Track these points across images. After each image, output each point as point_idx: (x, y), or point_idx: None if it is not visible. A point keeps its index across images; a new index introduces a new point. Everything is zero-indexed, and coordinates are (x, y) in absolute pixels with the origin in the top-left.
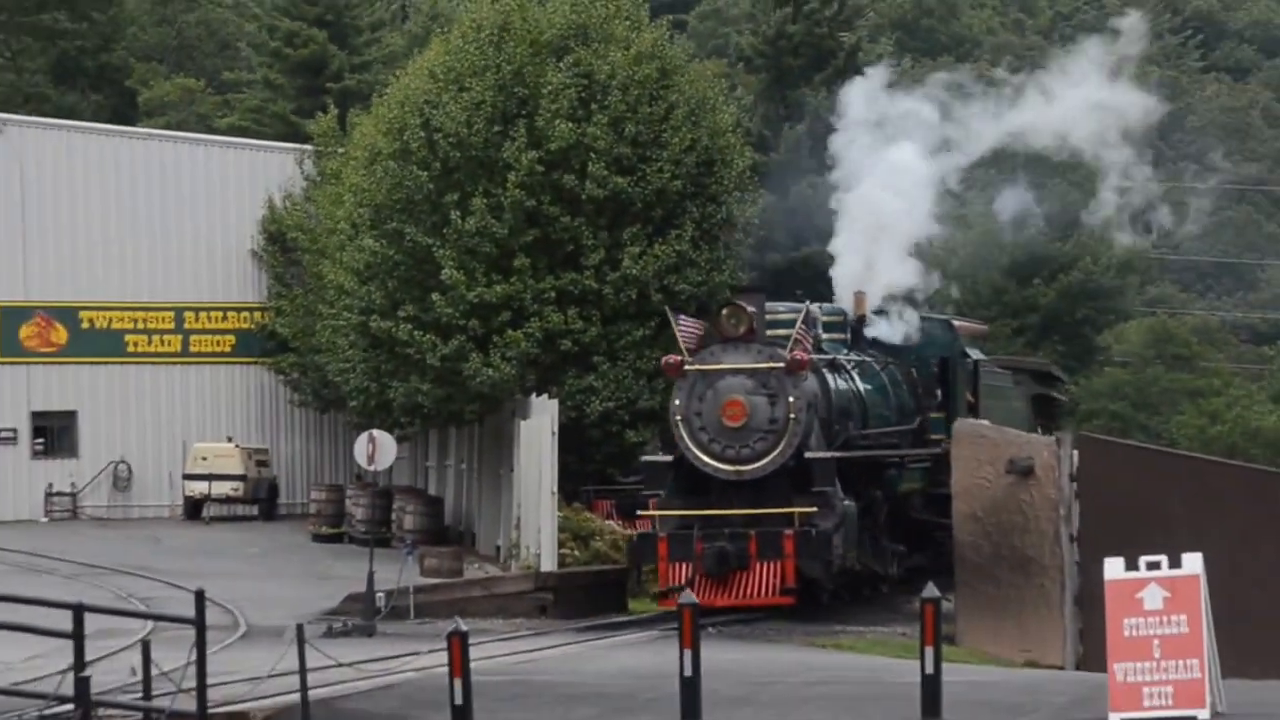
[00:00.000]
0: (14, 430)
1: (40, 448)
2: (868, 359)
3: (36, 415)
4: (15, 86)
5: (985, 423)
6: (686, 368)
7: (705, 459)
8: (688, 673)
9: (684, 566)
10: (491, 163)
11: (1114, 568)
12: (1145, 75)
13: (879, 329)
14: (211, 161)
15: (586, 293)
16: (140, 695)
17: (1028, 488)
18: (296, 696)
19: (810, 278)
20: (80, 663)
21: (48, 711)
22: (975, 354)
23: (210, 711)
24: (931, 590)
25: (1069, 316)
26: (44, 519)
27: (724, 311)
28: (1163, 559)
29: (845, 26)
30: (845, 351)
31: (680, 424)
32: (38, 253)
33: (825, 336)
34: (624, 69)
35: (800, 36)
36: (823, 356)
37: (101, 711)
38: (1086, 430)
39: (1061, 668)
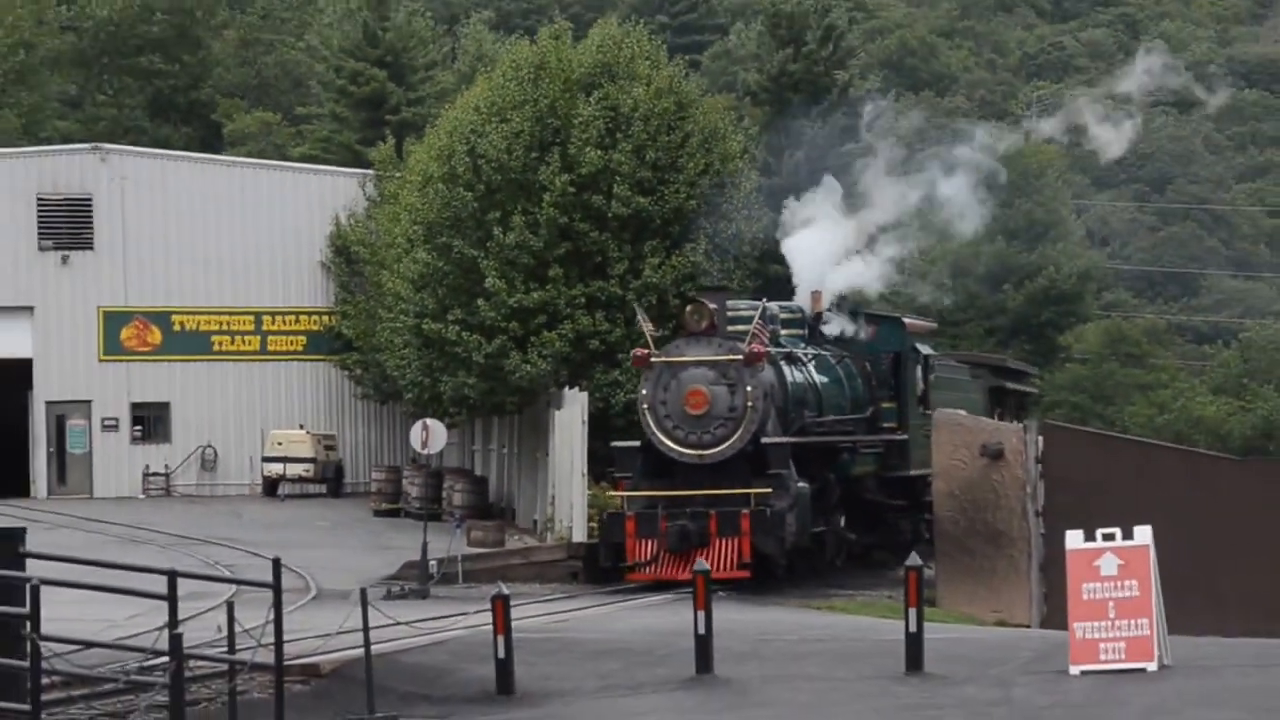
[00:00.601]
0: (116, 419)
1: (138, 434)
2: (824, 353)
3: (135, 406)
4: (116, 120)
5: (962, 412)
6: (653, 359)
7: (670, 444)
8: (701, 630)
9: (649, 543)
10: (529, 185)
11: (1074, 539)
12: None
13: (834, 326)
14: (286, 185)
15: (612, 299)
16: (225, 649)
17: (999, 469)
18: (360, 651)
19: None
20: (174, 621)
21: (146, 664)
22: (925, 349)
23: (286, 663)
24: (914, 559)
25: (1035, 319)
26: (142, 496)
27: (688, 308)
28: (1117, 531)
29: (839, 65)
30: (803, 346)
31: (647, 412)
32: (136, 265)
33: (784, 332)
34: (645, 103)
35: (800, 74)
36: (780, 350)
37: (192, 663)
38: (1050, 419)
39: (1028, 626)
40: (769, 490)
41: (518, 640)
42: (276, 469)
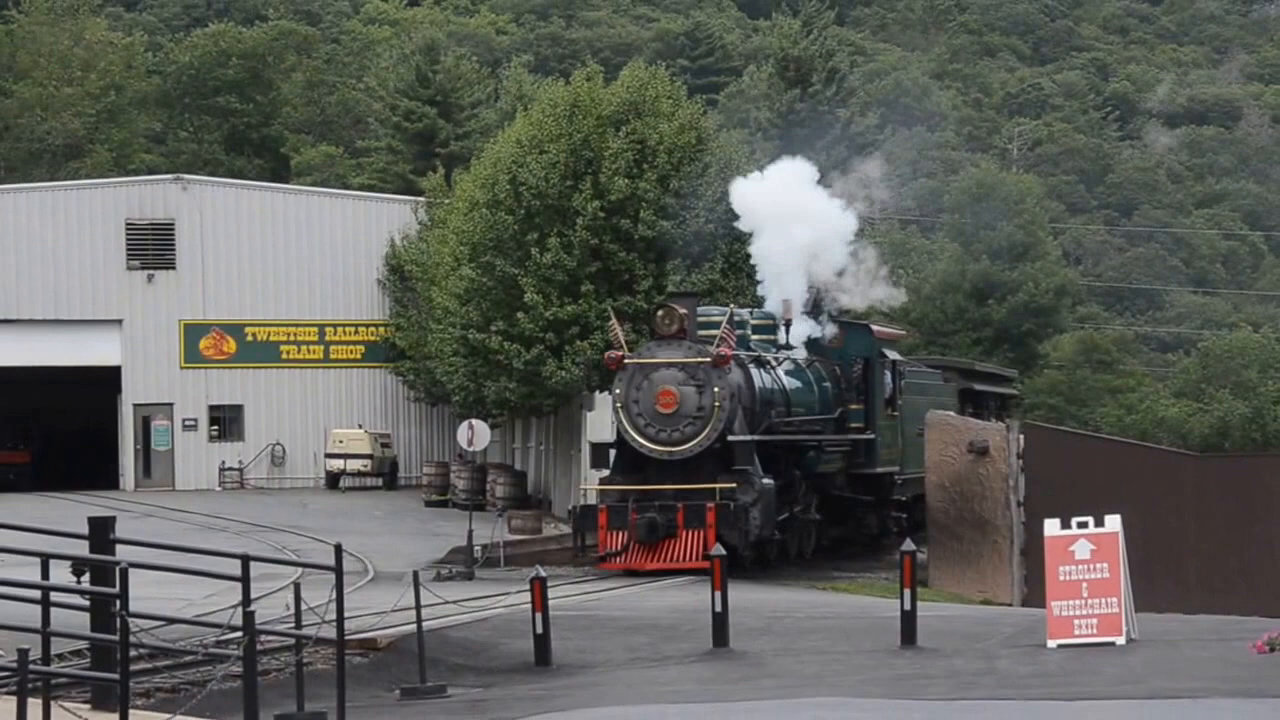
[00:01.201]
0: (195, 420)
1: (215, 433)
2: (794, 357)
3: (212, 408)
4: (196, 154)
5: (951, 413)
6: (626, 361)
7: (642, 441)
8: (718, 609)
9: (620, 534)
10: (564, 210)
11: (1052, 526)
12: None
13: (804, 332)
14: (346, 211)
15: (639, 312)
16: (293, 625)
17: (984, 464)
18: (413, 627)
19: (814, 299)
20: (247, 600)
21: (222, 638)
22: (893, 354)
23: (346, 638)
24: (909, 544)
25: (1016, 329)
26: (218, 489)
27: (659, 313)
28: (1089, 520)
29: (841, 104)
30: (773, 350)
31: (620, 410)
32: (213, 282)
33: (756, 337)
34: (669, 137)
35: (806, 112)
36: (750, 354)
37: (263, 638)
38: (1030, 419)
39: (1011, 605)
40: (734, 485)
41: (554, 617)
42: (338, 464)
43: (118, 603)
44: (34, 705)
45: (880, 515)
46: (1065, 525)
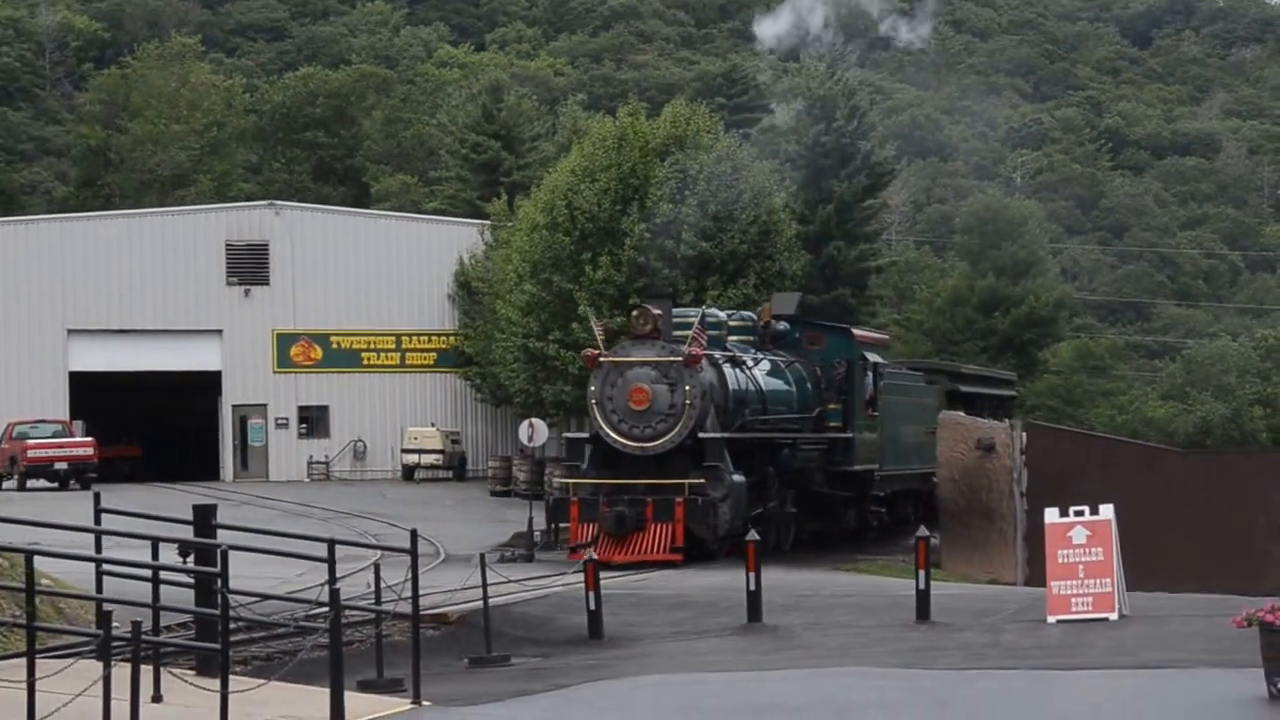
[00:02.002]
0: (287, 419)
1: (304, 430)
2: (772, 358)
3: (301, 408)
4: (287, 182)
5: (960, 414)
6: (601, 359)
7: (615, 437)
8: (752, 588)
9: (591, 527)
10: (614, 231)
11: (1051, 515)
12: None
13: (782, 334)
14: (420, 233)
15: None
16: (373, 601)
17: (991, 459)
18: (480, 603)
19: (837, 312)
20: (332, 578)
21: (311, 612)
22: (874, 358)
23: (421, 613)
24: (923, 530)
25: (1019, 338)
26: (306, 480)
27: (634, 313)
28: (1085, 509)
29: (862, 137)
30: (752, 351)
31: (595, 407)
32: (303, 297)
33: (734, 338)
34: (707, 166)
35: (830, 144)
36: (726, 354)
37: (347, 612)
38: (1031, 419)
39: (1015, 585)
40: (703, 481)
41: (605, 595)
42: (413, 458)
43: (219, 581)
44: (146, 671)
45: (860, 511)
46: (1064, 514)
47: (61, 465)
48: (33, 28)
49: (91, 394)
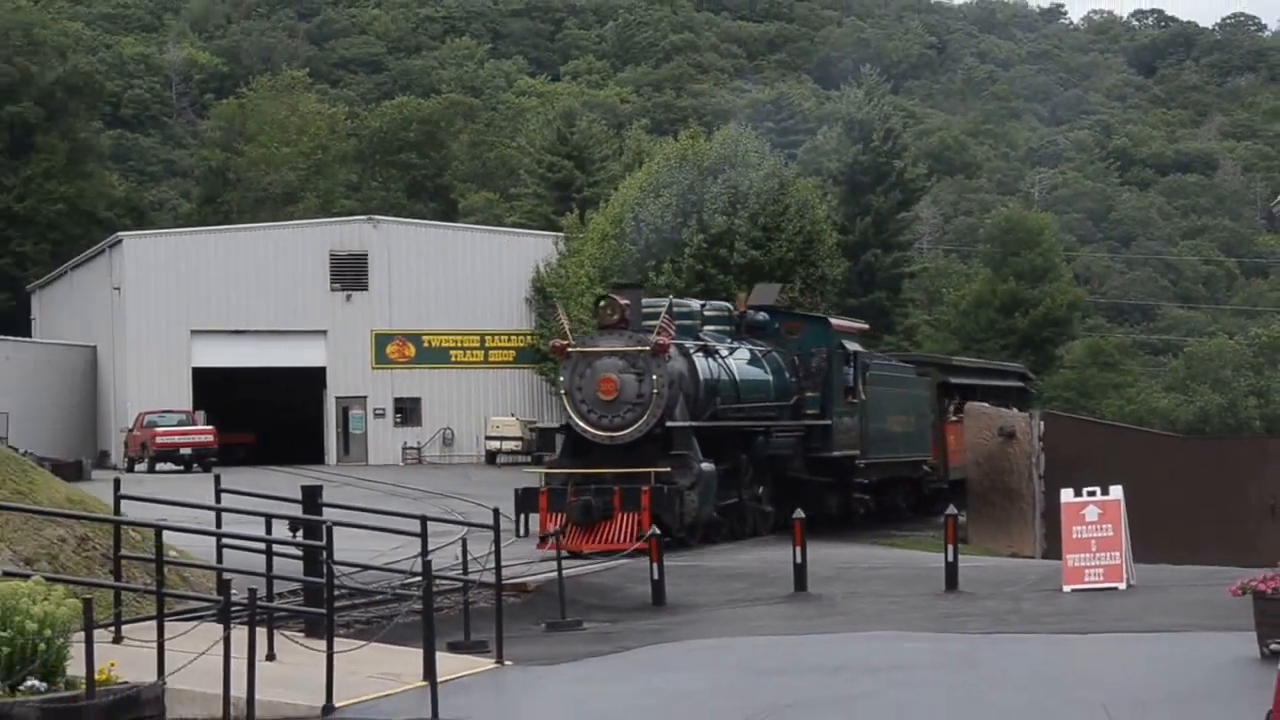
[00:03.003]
0: (384, 409)
1: (399, 420)
2: (750, 346)
3: (397, 400)
4: (384, 199)
5: (985, 404)
6: (570, 350)
7: (585, 426)
8: (798, 561)
9: (560, 516)
10: (675, 241)
11: (1066, 495)
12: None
13: (761, 324)
14: (501, 244)
15: None
16: (460, 572)
17: (1012, 445)
18: (555, 574)
19: (874, 315)
20: (425, 551)
21: (405, 582)
22: (854, 346)
23: (503, 582)
24: (951, 509)
25: (1037, 337)
26: (401, 464)
27: (601, 304)
28: (1097, 489)
29: (896, 156)
30: (728, 341)
31: (565, 397)
32: (399, 300)
33: (710, 328)
34: (757, 183)
35: (868, 163)
36: (698, 343)
37: (437, 582)
38: (1048, 409)
39: (1033, 558)
40: (669, 469)
41: (667, 568)
42: (495, 444)
43: (324, 553)
44: (261, 633)
45: (843, 497)
46: (1077, 494)
47: (186, 450)
48: (161, 63)
49: (212, 388)
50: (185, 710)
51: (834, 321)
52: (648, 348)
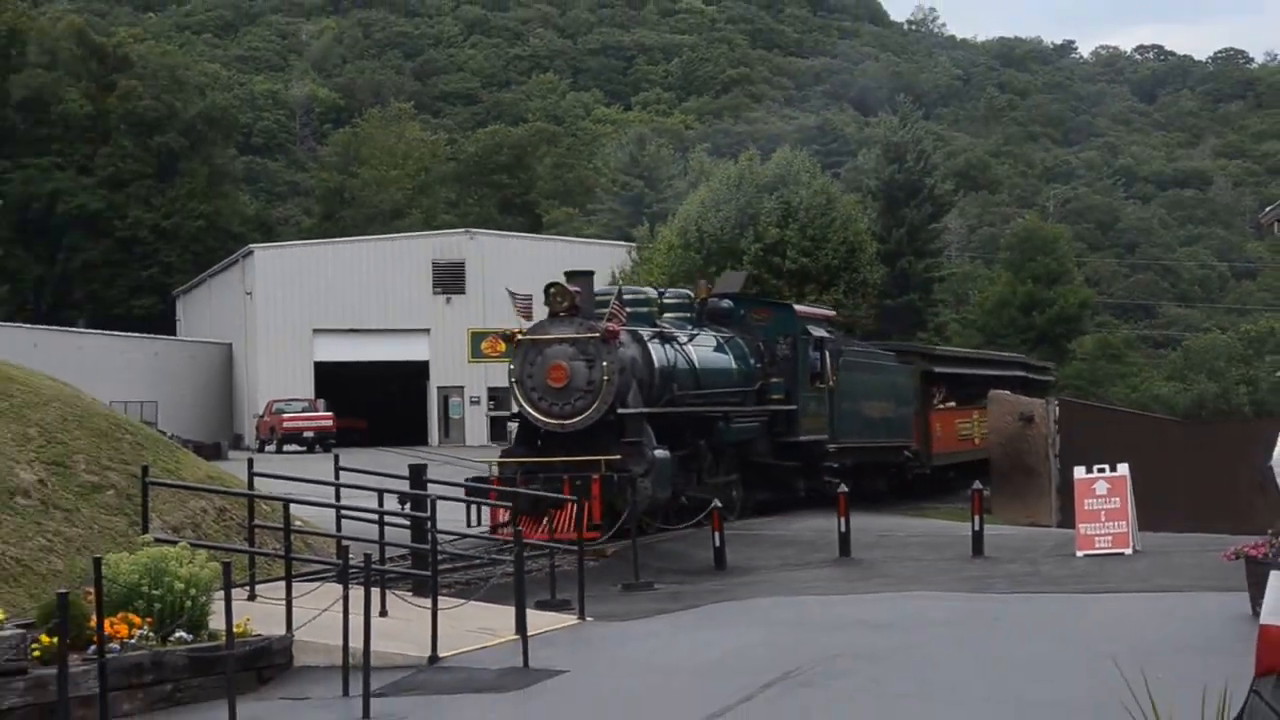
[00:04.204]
0: (479, 397)
1: (492, 406)
2: (710, 333)
3: (490, 389)
4: (479, 214)
5: (1007, 391)
6: (519, 338)
7: (536, 415)
8: (843, 530)
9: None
10: (734, 250)
11: (1079, 472)
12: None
13: (726, 311)
14: (581, 253)
15: None
16: (547, 539)
17: (1031, 428)
18: (630, 541)
19: (909, 314)
20: (515, 521)
21: (500, 547)
22: (820, 332)
23: (584, 548)
24: (977, 484)
25: (1051, 333)
26: (493, 445)
27: (551, 290)
28: (1106, 466)
29: (927, 174)
30: (688, 328)
31: (516, 385)
32: (491, 302)
33: (670, 315)
34: (806, 199)
35: (902, 180)
36: (654, 329)
37: (527, 547)
38: (1063, 397)
39: (1050, 527)
40: (620, 457)
41: (727, 535)
42: None
43: (429, 523)
44: (375, 593)
45: (811, 480)
46: (1089, 470)
47: (309, 433)
48: (286, 98)
49: (330, 379)
50: (310, 659)
51: (799, 308)
52: (598, 334)
